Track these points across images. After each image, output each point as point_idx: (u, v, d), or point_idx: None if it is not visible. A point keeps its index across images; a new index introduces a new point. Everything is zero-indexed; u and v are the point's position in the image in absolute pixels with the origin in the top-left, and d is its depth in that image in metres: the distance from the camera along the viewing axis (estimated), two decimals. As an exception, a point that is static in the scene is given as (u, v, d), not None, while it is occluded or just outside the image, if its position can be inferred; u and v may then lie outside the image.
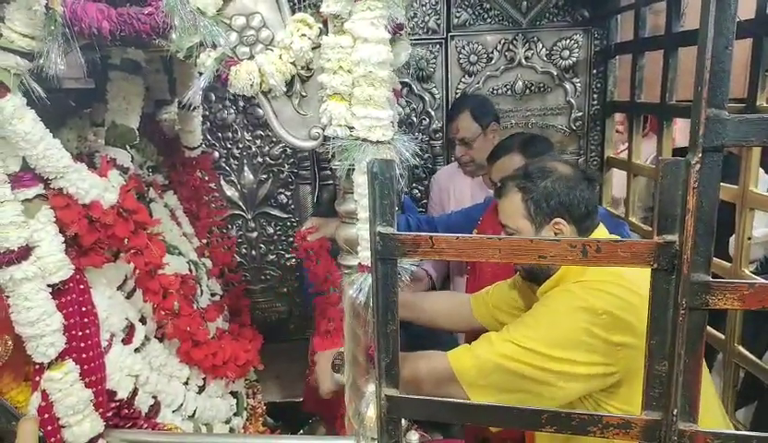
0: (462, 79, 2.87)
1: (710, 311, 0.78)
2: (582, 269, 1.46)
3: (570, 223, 1.50)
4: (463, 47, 2.82)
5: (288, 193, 2.92)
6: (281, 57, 1.10)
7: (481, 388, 1.39)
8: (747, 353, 2.02)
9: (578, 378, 1.36)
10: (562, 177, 1.51)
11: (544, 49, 2.84)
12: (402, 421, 1.00)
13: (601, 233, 1.56)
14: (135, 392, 1.41)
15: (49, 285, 1.21)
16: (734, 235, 2.01)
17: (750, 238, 1.97)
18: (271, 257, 2.99)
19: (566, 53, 2.84)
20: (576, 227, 1.51)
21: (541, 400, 1.35)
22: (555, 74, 2.87)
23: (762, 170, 2.00)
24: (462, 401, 1.04)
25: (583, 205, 1.50)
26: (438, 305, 1.99)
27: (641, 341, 1.33)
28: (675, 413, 0.81)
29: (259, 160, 2.86)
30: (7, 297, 1.19)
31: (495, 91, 2.88)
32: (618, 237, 1.26)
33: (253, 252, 2.97)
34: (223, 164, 2.83)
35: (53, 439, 1.25)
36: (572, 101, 2.90)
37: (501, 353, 1.39)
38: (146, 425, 1.44)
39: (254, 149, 2.84)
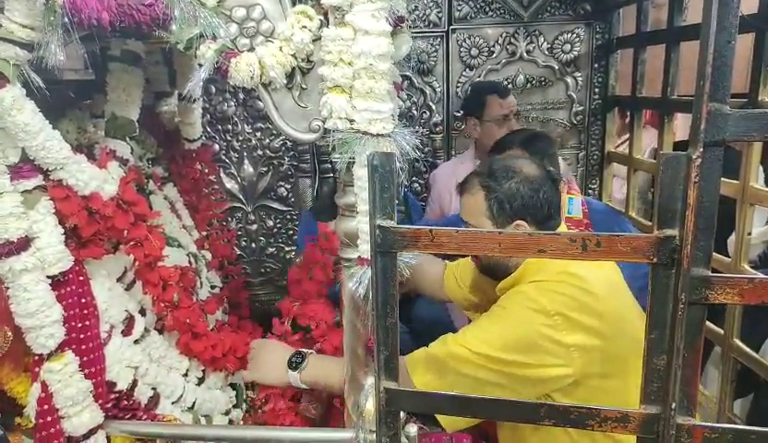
0: (463, 73, 2.86)
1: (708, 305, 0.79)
2: (538, 269, 1.47)
3: (531, 225, 1.49)
4: (464, 40, 2.81)
5: (288, 186, 2.91)
6: (281, 49, 1.09)
7: (423, 377, 1.40)
8: (744, 347, 2.02)
9: (532, 382, 1.37)
10: (527, 178, 1.50)
11: (545, 43, 2.83)
12: (401, 413, 1.00)
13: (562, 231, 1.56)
14: (134, 384, 1.42)
15: (48, 276, 1.21)
16: (733, 234, 2.02)
17: (749, 234, 1.97)
18: (271, 249, 2.99)
19: (567, 47, 2.83)
20: (538, 228, 1.50)
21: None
22: (556, 68, 2.86)
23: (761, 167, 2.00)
24: (461, 394, 1.04)
25: (546, 206, 1.49)
26: (421, 273, 1.98)
27: (595, 342, 1.36)
28: (673, 407, 0.82)
29: (259, 152, 2.85)
30: (7, 288, 1.19)
31: (495, 85, 2.87)
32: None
33: (253, 245, 2.97)
34: (223, 157, 2.83)
35: (52, 430, 1.26)
36: (573, 95, 2.89)
37: (452, 354, 1.40)
38: (145, 417, 1.45)
39: (254, 142, 2.84)
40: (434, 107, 2.89)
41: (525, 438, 1.50)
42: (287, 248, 2.99)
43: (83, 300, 1.28)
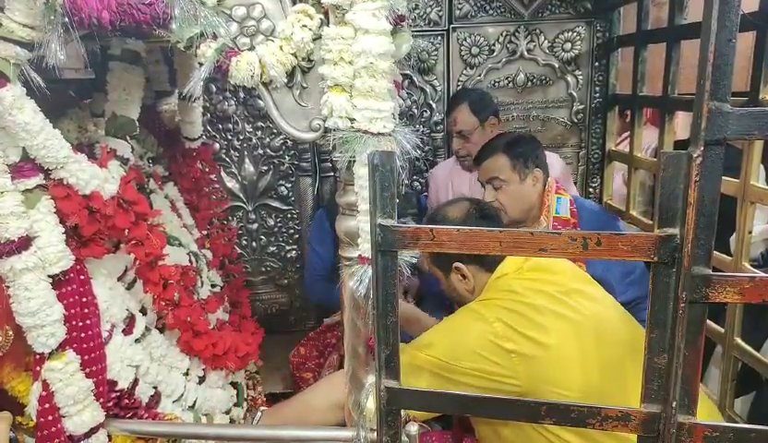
0: (464, 71, 2.86)
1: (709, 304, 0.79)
2: (486, 291, 1.58)
3: (468, 265, 1.61)
4: (465, 39, 2.81)
5: (288, 185, 2.91)
6: (281, 48, 1.09)
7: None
8: (746, 345, 2.02)
9: (485, 390, 1.38)
10: (448, 219, 1.66)
11: (546, 41, 2.83)
12: (402, 412, 1.00)
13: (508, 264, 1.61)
14: (135, 382, 1.42)
15: (49, 276, 1.21)
16: (734, 234, 2.01)
17: (750, 232, 1.97)
18: (272, 248, 2.99)
19: (568, 45, 2.83)
20: (478, 267, 1.61)
21: None
22: (557, 66, 2.86)
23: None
24: (461, 393, 1.04)
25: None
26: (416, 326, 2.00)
27: (537, 352, 1.38)
28: (674, 405, 0.82)
29: (260, 151, 2.86)
30: (8, 287, 1.19)
31: (496, 84, 2.87)
32: None
33: (253, 244, 2.97)
34: (224, 156, 2.83)
35: (53, 429, 1.26)
36: (574, 93, 2.89)
37: (412, 357, 1.46)
38: (146, 416, 1.45)
39: (254, 141, 2.84)
40: (434, 106, 2.89)
41: (499, 430, 1.53)
42: (288, 247, 2.99)
43: (84, 299, 1.28)
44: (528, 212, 2.11)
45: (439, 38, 2.82)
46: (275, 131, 2.82)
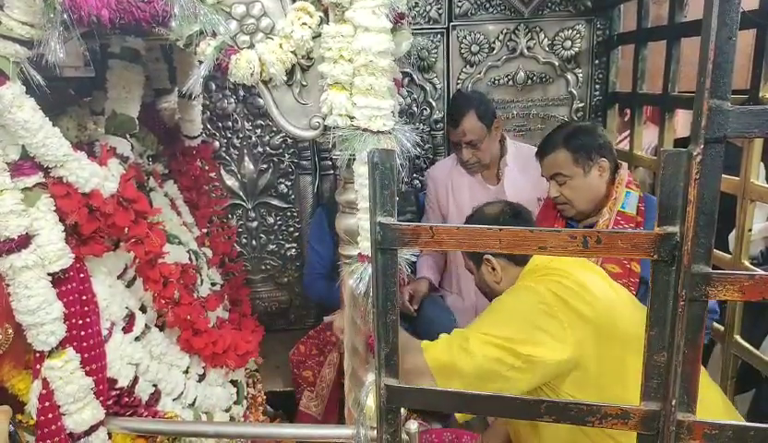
0: (464, 69, 2.85)
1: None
2: (523, 279, 1.62)
3: (498, 258, 1.67)
4: (465, 37, 2.81)
5: (288, 183, 2.91)
6: (281, 46, 1.09)
7: (448, 378, 1.42)
8: (746, 343, 2.02)
9: (536, 364, 1.40)
10: (486, 216, 1.73)
11: (546, 39, 2.83)
12: (402, 410, 1.00)
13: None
14: (135, 380, 1.42)
15: (49, 274, 1.21)
16: (733, 232, 2.01)
17: (750, 230, 1.97)
18: (272, 246, 2.99)
19: (568, 43, 2.82)
20: (507, 260, 1.68)
21: (508, 387, 1.40)
22: (557, 64, 2.85)
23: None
24: (461, 391, 1.04)
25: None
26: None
27: (587, 326, 1.42)
28: (674, 403, 0.82)
29: (260, 149, 2.85)
30: (8, 286, 1.19)
31: (496, 82, 2.86)
32: None
33: (253, 242, 2.97)
34: (224, 154, 2.83)
35: (53, 427, 1.26)
36: (574, 91, 2.88)
37: (463, 337, 1.45)
38: (146, 414, 1.45)
39: (254, 139, 2.84)
40: (434, 104, 2.89)
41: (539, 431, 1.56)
42: (287, 245, 2.99)
43: (84, 297, 1.28)
44: (596, 203, 2.03)
45: (439, 36, 2.81)
46: (275, 129, 2.82)
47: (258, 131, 2.83)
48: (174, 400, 1.55)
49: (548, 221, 2.16)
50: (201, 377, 1.67)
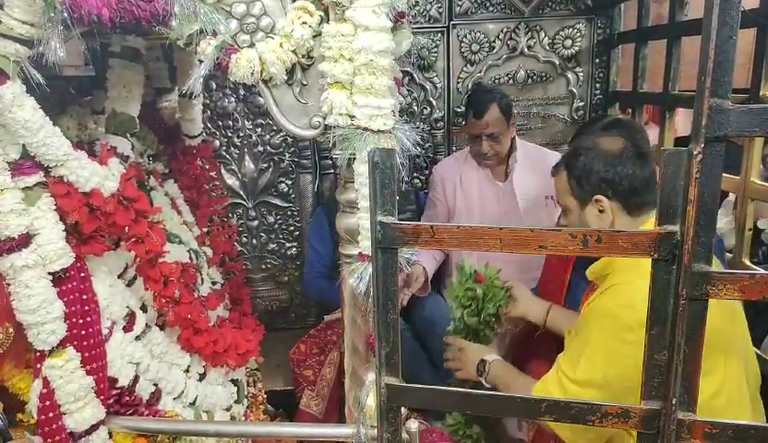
0: (464, 68, 2.85)
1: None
2: (627, 264, 1.39)
3: (613, 200, 1.46)
4: (465, 36, 2.81)
5: (289, 182, 2.91)
6: (281, 45, 1.09)
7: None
8: (746, 343, 2.02)
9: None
10: (605, 153, 1.47)
11: (546, 38, 2.83)
12: (402, 409, 1.00)
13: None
14: (136, 380, 1.42)
15: (50, 273, 1.21)
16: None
17: (750, 229, 1.97)
18: (272, 245, 2.99)
19: (568, 42, 2.82)
20: (621, 204, 1.46)
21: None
22: (557, 63, 2.85)
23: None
24: (461, 390, 1.05)
25: (627, 181, 1.44)
26: None
27: None
28: (674, 402, 0.82)
29: (260, 148, 2.85)
30: (8, 285, 1.19)
31: (496, 81, 2.86)
32: None
33: (254, 241, 2.97)
34: (224, 153, 2.83)
35: (54, 426, 1.26)
36: (574, 90, 2.88)
37: (563, 388, 1.39)
38: (147, 413, 1.45)
39: (254, 138, 2.84)
40: (435, 103, 2.89)
41: None
42: (288, 244, 2.99)
43: (84, 296, 1.28)
44: None
45: (440, 35, 2.81)
46: (275, 128, 2.82)
47: (259, 130, 2.83)
48: (174, 399, 1.55)
49: None
50: (202, 377, 1.67)
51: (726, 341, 1.38)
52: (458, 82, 2.86)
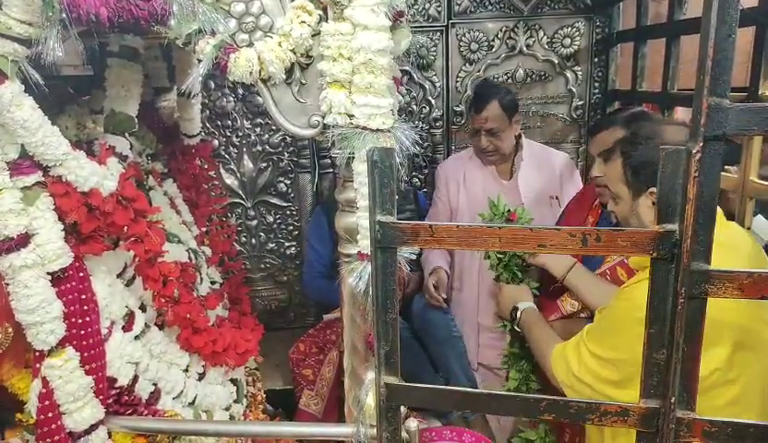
0: (463, 67, 2.85)
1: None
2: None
3: None
4: (464, 35, 2.81)
5: (288, 181, 2.91)
6: (280, 44, 1.09)
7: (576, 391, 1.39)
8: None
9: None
10: (666, 144, 1.43)
11: (545, 37, 2.83)
12: (401, 408, 1.01)
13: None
14: (135, 379, 1.42)
15: (48, 273, 1.21)
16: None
17: (749, 228, 1.97)
18: (271, 245, 2.99)
19: (567, 41, 2.82)
20: None
21: None
22: (556, 62, 2.85)
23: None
24: (461, 389, 1.05)
25: None
26: None
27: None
28: (673, 400, 0.82)
29: (259, 148, 2.85)
30: (7, 285, 1.19)
31: (495, 79, 2.85)
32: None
33: (253, 240, 2.97)
34: (223, 152, 2.83)
35: (53, 426, 1.26)
36: (573, 89, 2.88)
37: (585, 367, 1.39)
38: (146, 412, 1.45)
39: (253, 138, 2.84)
40: (433, 102, 2.89)
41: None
42: (287, 244, 2.99)
43: (83, 296, 1.28)
44: None
45: (438, 34, 2.81)
46: (274, 128, 2.82)
47: (258, 129, 2.83)
48: (173, 398, 1.55)
49: (582, 212, 2.12)
50: (201, 376, 1.67)
51: (755, 341, 1.34)
52: (457, 81, 2.86)
